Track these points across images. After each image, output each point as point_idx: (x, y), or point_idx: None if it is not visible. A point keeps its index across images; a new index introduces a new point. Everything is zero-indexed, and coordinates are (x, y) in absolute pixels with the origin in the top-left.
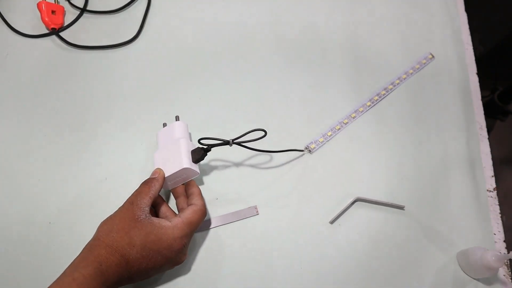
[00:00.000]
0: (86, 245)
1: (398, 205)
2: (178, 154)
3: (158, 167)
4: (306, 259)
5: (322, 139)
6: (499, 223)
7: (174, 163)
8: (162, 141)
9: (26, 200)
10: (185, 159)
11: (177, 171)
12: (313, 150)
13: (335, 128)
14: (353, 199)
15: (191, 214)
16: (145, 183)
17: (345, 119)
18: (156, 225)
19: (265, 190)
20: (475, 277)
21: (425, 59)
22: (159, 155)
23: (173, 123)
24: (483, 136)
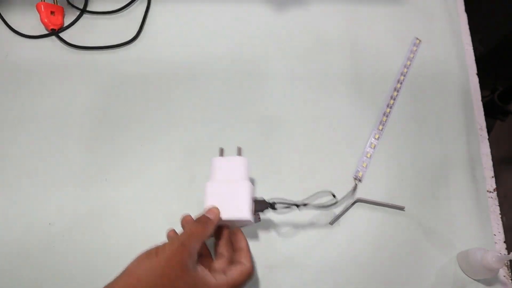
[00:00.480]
0: (118, 278)
1: (399, 206)
2: (239, 199)
3: (215, 206)
4: (306, 260)
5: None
6: (499, 223)
7: (232, 207)
8: (218, 173)
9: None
10: (248, 208)
11: (235, 218)
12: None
13: (367, 157)
14: (354, 200)
15: (238, 276)
16: (199, 223)
17: (372, 143)
18: (201, 280)
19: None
20: (475, 278)
21: (415, 45)
22: (212, 188)
23: (235, 157)
24: (483, 136)
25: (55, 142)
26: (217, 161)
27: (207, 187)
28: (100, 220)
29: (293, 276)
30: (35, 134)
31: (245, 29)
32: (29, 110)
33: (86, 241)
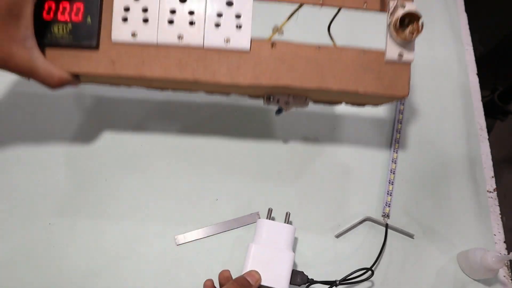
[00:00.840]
0: None
1: (409, 233)
2: (281, 269)
3: (257, 272)
4: (309, 268)
5: None
6: (499, 224)
7: (272, 275)
8: (263, 236)
9: None
10: (287, 280)
11: (273, 287)
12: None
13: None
14: (363, 218)
15: None
16: (240, 286)
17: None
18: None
19: (269, 196)
20: (475, 278)
21: None
22: (257, 250)
23: (283, 224)
24: (483, 136)
25: (61, 144)
26: (263, 224)
27: (252, 248)
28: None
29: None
30: (32, 137)
31: None
32: (29, 110)
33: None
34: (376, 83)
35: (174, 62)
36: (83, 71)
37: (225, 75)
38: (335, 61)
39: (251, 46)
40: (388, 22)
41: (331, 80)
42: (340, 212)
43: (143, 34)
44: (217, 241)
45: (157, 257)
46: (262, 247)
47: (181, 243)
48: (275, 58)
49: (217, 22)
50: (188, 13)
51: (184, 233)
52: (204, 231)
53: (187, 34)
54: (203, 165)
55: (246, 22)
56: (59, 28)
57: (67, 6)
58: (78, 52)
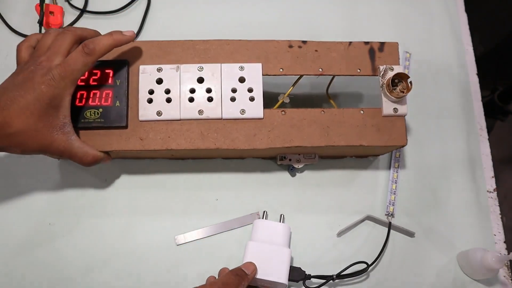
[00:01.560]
0: None
1: (409, 231)
2: (279, 264)
3: (253, 263)
4: (310, 267)
5: None
6: (499, 224)
7: (271, 269)
8: (260, 235)
9: None
10: (286, 274)
11: (272, 280)
12: None
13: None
14: (364, 216)
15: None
16: (236, 275)
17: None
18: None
19: (269, 196)
20: (475, 278)
21: (406, 60)
22: (254, 247)
23: (279, 223)
24: (483, 136)
25: None
26: (260, 224)
27: (249, 245)
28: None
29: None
30: None
31: (246, 30)
32: None
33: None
34: (377, 136)
35: (197, 134)
36: (114, 149)
37: (244, 142)
38: (338, 122)
39: (264, 114)
40: (381, 84)
41: (336, 138)
42: (341, 211)
43: (167, 112)
44: (217, 241)
45: (157, 257)
46: (260, 244)
47: (181, 243)
48: (286, 123)
49: (232, 97)
50: (206, 91)
51: (184, 233)
52: (204, 231)
53: (206, 109)
54: (203, 164)
55: (258, 94)
56: (91, 112)
57: (97, 92)
58: (109, 132)
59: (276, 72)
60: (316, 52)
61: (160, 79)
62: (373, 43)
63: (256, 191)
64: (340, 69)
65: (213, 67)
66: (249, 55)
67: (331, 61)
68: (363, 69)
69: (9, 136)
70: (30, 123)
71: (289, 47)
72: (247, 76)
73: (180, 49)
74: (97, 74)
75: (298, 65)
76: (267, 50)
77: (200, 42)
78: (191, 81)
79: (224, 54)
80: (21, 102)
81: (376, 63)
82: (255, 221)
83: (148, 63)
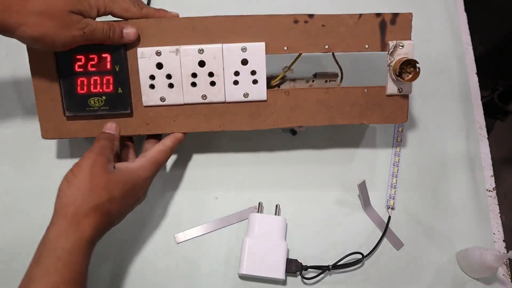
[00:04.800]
0: (53, 217)
1: (398, 242)
2: (277, 259)
3: (112, 122)
4: (307, 257)
5: None
6: (499, 222)
7: (268, 266)
8: (256, 229)
9: None
10: (283, 269)
11: (270, 277)
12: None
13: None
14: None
15: (156, 153)
16: (106, 139)
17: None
18: (128, 171)
19: (269, 195)
20: (474, 277)
21: None
22: (251, 244)
23: (274, 216)
24: (482, 136)
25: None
26: (255, 218)
27: (246, 242)
28: None
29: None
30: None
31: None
32: (30, 109)
33: None
34: (379, 114)
35: (201, 117)
36: (121, 134)
37: (247, 124)
38: (342, 101)
39: (267, 96)
40: (388, 62)
41: (339, 117)
42: (341, 211)
43: (170, 98)
44: (216, 237)
45: (157, 255)
46: (256, 240)
47: (181, 241)
48: (289, 104)
49: (235, 80)
50: (208, 75)
51: (184, 231)
52: (204, 227)
53: (209, 94)
54: (203, 163)
55: (261, 77)
56: (95, 100)
57: (97, 78)
58: (115, 120)
59: (280, 51)
60: (323, 27)
61: (160, 63)
62: (385, 15)
63: (255, 187)
64: (348, 45)
65: (214, 50)
66: (251, 33)
67: (338, 36)
68: (371, 44)
69: (24, 13)
70: (48, 3)
71: (294, 23)
72: (250, 58)
73: (178, 28)
74: (94, 59)
75: (303, 42)
76: (270, 26)
77: (198, 20)
78: (192, 65)
79: (225, 32)
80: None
81: (386, 37)
82: (250, 215)
83: (146, 45)
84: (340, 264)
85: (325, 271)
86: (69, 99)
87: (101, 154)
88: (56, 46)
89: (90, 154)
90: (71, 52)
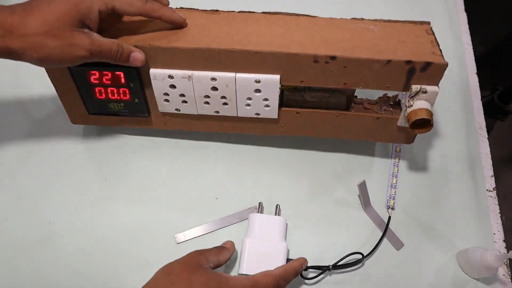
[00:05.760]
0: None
1: (399, 242)
2: (277, 260)
3: (231, 241)
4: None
5: None
6: (499, 222)
7: (268, 266)
8: (256, 230)
9: None
10: None
11: None
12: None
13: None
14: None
15: (261, 276)
16: (216, 247)
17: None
18: (220, 274)
19: (269, 195)
20: (474, 277)
21: None
22: (251, 244)
23: (274, 216)
24: (482, 136)
25: (64, 139)
26: (256, 218)
27: (246, 243)
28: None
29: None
30: (41, 133)
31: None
32: (31, 109)
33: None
34: (386, 136)
35: (214, 123)
36: (140, 127)
37: (258, 131)
38: (351, 124)
39: (278, 114)
40: (407, 104)
41: (346, 134)
42: (341, 211)
43: (184, 109)
44: (217, 238)
45: (157, 256)
46: (257, 240)
47: (181, 241)
48: (299, 121)
49: (247, 103)
50: (220, 98)
51: (184, 231)
52: (204, 228)
53: (222, 110)
54: (203, 164)
55: (273, 102)
56: (114, 105)
57: (114, 89)
58: (134, 119)
59: (296, 83)
60: (345, 68)
61: (173, 85)
62: (416, 63)
63: (255, 188)
64: (368, 84)
65: (227, 79)
66: (267, 67)
67: (360, 77)
68: (393, 85)
69: (25, 36)
70: (48, 21)
71: (314, 62)
72: (263, 89)
73: (190, 57)
74: (108, 75)
75: (321, 80)
76: (288, 63)
77: (212, 51)
78: (204, 90)
79: (239, 64)
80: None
81: (411, 82)
82: (250, 215)
83: (157, 67)
84: (340, 264)
85: (325, 271)
86: (90, 103)
87: (201, 253)
88: (65, 64)
89: (193, 251)
90: (84, 68)
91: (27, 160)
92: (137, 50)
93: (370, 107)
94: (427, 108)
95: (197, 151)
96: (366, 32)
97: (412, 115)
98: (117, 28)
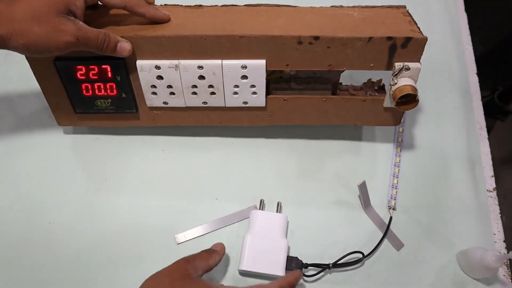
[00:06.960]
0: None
1: (399, 241)
2: (277, 257)
3: (221, 243)
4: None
5: None
6: (499, 223)
7: (268, 263)
8: (257, 226)
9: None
10: (283, 267)
11: (270, 274)
12: None
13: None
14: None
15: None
16: (205, 251)
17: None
18: (209, 284)
19: (269, 195)
20: (475, 277)
21: None
22: (251, 241)
23: (275, 213)
24: (483, 136)
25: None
26: (257, 215)
27: (247, 239)
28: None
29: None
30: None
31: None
32: (31, 108)
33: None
34: (374, 119)
35: (203, 116)
36: (128, 125)
37: (247, 121)
38: (338, 108)
39: (266, 102)
40: (391, 83)
41: (334, 119)
42: (341, 211)
43: (172, 102)
44: (217, 238)
45: (158, 256)
46: (257, 237)
47: (181, 242)
48: (287, 108)
49: (235, 91)
50: (208, 87)
51: (184, 232)
52: (204, 228)
53: (210, 101)
54: (204, 164)
55: (261, 88)
56: (101, 101)
57: (101, 85)
58: (122, 116)
59: (281, 67)
60: (329, 49)
61: (160, 76)
62: (397, 39)
63: (255, 188)
64: (352, 64)
65: (213, 66)
66: (252, 51)
67: (343, 58)
68: (377, 64)
69: (11, 22)
70: (34, 7)
71: (298, 43)
72: (250, 74)
73: (177, 46)
74: (95, 69)
75: (306, 62)
76: (273, 46)
77: (198, 39)
78: (192, 78)
79: (225, 50)
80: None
81: (393, 59)
82: (252, 212)
83: (144, 57)
84: (341, 263)
85: (325, 269)
86: (77, 100)
87: (188, 260)
88: (52, 51)
89: (181, 259)
90: (70, 63)
91: (27, 160)
92: (124, 40)
93: (356, 93)
94: (411, 84)
95: (197, 151)
96: (346, 17)
97: (397, 92)
98: (103, 21)
